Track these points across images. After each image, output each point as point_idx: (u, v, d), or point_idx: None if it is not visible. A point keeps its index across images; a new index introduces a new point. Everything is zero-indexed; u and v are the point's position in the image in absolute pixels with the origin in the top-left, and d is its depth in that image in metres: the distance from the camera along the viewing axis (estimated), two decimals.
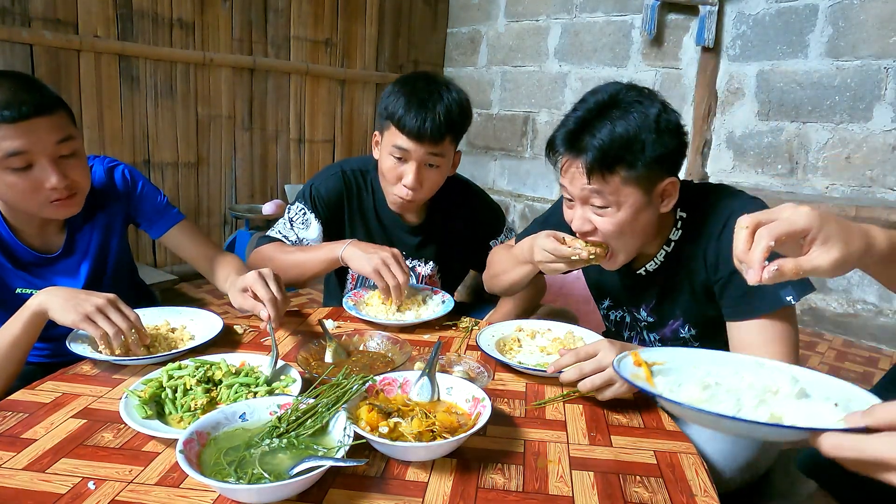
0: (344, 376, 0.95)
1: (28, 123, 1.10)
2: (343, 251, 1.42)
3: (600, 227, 1.15)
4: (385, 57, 4.53)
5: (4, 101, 1.08)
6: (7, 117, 1.08)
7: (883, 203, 3.11)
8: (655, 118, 1.08)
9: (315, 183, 1.63)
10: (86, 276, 1.36)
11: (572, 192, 1.15)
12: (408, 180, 1.47)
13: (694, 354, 0.88)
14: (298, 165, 4.20)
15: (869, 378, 2.89)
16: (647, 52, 3.85)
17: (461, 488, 0.80)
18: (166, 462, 0.82)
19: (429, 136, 1.42)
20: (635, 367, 0.83)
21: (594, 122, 1.09)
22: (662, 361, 0.85)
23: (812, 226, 0.71)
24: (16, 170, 1.12)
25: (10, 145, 1.09)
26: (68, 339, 1.15)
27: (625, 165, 1.07)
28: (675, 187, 1.14)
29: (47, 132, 1.13)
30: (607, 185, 1.09)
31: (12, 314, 1.17)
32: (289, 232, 1.60)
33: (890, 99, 3.08)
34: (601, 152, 1.06)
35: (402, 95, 1.44)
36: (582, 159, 1.09)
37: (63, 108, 1.18)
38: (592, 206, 1.14)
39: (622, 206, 1.11)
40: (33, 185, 1.14)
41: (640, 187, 1.10)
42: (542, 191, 4.49)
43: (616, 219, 1.12)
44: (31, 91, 1.12)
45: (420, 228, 1.67)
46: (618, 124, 1.07)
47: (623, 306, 1.38)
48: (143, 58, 3.29)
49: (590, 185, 1.10)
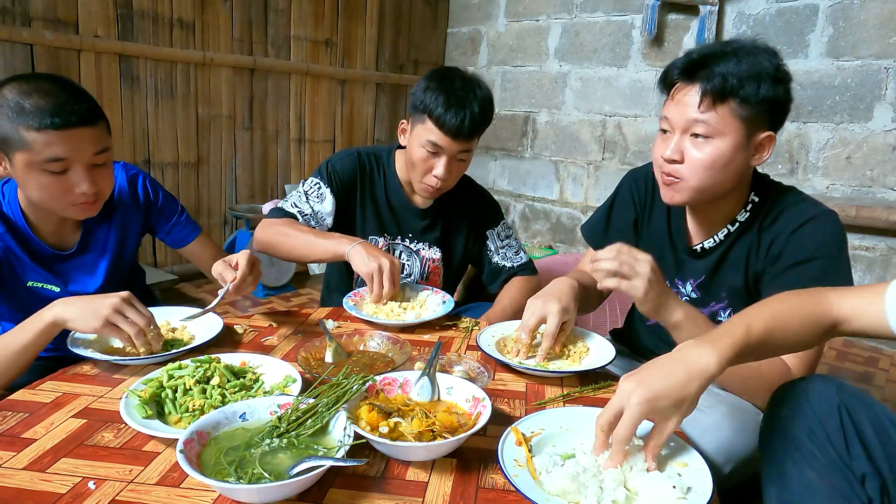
0: (344, 376, 0.95)
1: (72, 132, 1.14)
2: (350, 249, 1.45)
3: (690, 158, 1.15)
4: (385, 57, 4.53)
5: (53, 108, 1.12)
6: (55, 124, 1.12)
7: (883, 203, 3.11)
8: (777, 66, 1.11)
9: (331, 160, 1.68)
10: (104, 273, 1.39)
11: (675, 119, 1.16)
12: (439, 172, 1.54)
13: (564, 414, 0.96)
14: (299, 165, 4.20)
15: (869, 378, 2.89)
16: (647, 52, 3.85)
17: (461, 488, 0.80)
18: (166, 462, 0.82)
19: (465, 134, 1.50)
20: (517, 448, 0.85)
21: (717, 57, 1.11)
22: (540, 430, 0.90)
23: (645, 414, 0.79)
24: (52, 173, 1.16)
25: (53, 151, 1.13)
26: (69, 339, 1.15)
27: (738, 98, 1.09)
28: (771, 142, 1.16)
29: (88, 142, 1.17)
30: (716, 113, 1.11)
31: (20, 306, 1.21)
32: (303, 205, 1.63)
33: (890, 99, 3.08)
34: (721, 78, 1.09)
35: (441, 93, 1.49)
36: (699, 84, 1.11)
37: (104, 120, 1.23)
38: (691, 137, 1.14)
39: (724, 137, 1.12)
40: (65, 188, 1.18)
41: (744, 125, 1.12)
42: (542, 191, 4.49)
43: (712, 148, 1.13)
44: (79, 101, 1.16)
45: (427, 212, 1.72)
46: (743, 61, 1.09)
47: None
48: (143, 58, 3.29)
49: (699, 109, 1.11)
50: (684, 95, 1.14)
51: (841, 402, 0.88)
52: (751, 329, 0.86)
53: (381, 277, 1.39)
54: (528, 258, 1.79)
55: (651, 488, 0.77)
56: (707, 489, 0.76)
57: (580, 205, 4.29)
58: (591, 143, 4.19)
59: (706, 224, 1.27)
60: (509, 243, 1.78)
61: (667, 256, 1.35)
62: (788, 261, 1.15)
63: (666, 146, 1.17)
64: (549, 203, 4.46)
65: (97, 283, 1.38)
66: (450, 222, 1.74)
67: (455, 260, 1.79)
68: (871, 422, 0.87)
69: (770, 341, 0.87)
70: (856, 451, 0.85)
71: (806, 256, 1.13)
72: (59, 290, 1.32)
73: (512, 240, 1.79)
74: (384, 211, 1.70)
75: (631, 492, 0.78)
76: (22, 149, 1.13)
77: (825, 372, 2.90)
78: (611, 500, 0.75)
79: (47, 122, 1.11)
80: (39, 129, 1.11)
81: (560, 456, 0.83)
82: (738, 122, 1.11)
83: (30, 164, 1.14)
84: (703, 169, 1.14)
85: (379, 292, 1.40)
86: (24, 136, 1.11)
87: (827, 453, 0.86)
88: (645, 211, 1.41)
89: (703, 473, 0.80)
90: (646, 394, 0.79)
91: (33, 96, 1.12)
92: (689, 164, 1.14)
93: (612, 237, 1.46)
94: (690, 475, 0.80)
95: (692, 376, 0.80)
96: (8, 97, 1.12)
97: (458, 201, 1.73)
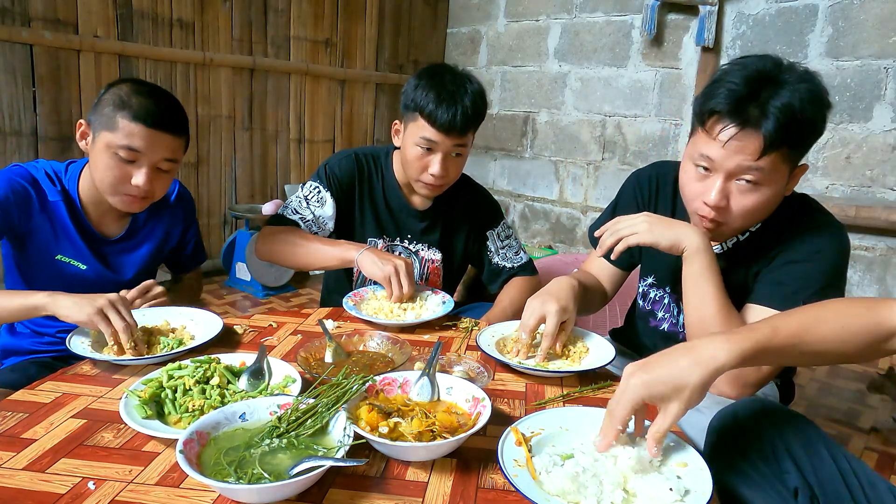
0: (344, 376, 0.95)
1: (156, 133, 1.29)
2: (359, 255, 1.46)
3: (737, 205, 1.08)
4: (385, 57, 4.53)
5: (150, 109, 1.28)
6: (146, 122, 1.27)
7: (883, 203, 3.11)
8: (822, 100, 1.00)
9: (329, 163, 1.68)
10: (141, 262, 1.50)
11: (722, 162, 1.05)
12: (435, 170, 1.53)
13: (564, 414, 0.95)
14: (298, 165, 4.20)
15: (869, 378, 2.89)
16: (647, 52, 3.85)
17: (461, 488, 0.80)
18: (166, 462, 0.82)
19: (458, 129, 1.49)
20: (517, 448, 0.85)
21: (767, 87, 1.00)
22: (539, 431, 0.90)
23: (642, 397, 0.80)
24: (122, 159, 1.28)
25: (132, 141, 1.27)
26: (68, 338, 1.15)
27: (792, 143, 1.01)
28: (803, 171, 1.10)
29: (163, 147, 1.31)
30: (770, 161, 1.02)
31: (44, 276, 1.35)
32: (304, 211, 1.63)
33: (890, 99, 3.08)
34: (783, 127, 0.98)
35: (431, 89, 1.49)
36: (754, 131, 1.00)
37: (186, 137, 1.38)
38: (736, 182, 1.06)
39: (771, 184, 1.04)
40: (123, 176, 1.30)
41: (788, 166, 1.05)
42: (542, 191, 4.49)
43: (760, 195, 1.05)
44: (173, 113, 1.33)
45: (426, 214, 1.71)
46: (794, 96, 0.98)
47: (667, 285, 1.37)
48: (143, 58, 3.29)
49: (757, 161, 1.01)
50: (737, 140, 1.02)
51: (769, 422, 0.92)
52: (778, 329, 0.82)
53: (399, 278, 1.41)
54: (529, 258, 1.79)
55: (649, 489, 0.77)
56: (707, 489, 0.76)
57: (580, 205, 4.29)
58: (590, 144, 4.19)
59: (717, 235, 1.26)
60: (509, 244, 1.77)
61: (672, 260, 1.35)
62: (782, 259, 1.15)
63: (706, 188, 1.09)
64: (548, 203, 4.46)
65: (133, 270, 1.48)
66: (449, 223, 1.74)
67: (455, 261, 1.78)
68: (799, 437, 0.90)
69: (802, 346, 0.82)
70: (787, 466, 0.89)
71: (798, 258, 1.13)
72: (86, 268, 1.41)
73: (512, 240, 1.79)
74: (383, 212, 1.70)
75: (629, 493, 0.78)
76: (109, 130, 1.27)
77: (826, 371, 2.90)
78: (609, 501, 0.75)
79: (141, 117, 1.27)
80: (132, 121, 1.26)
81: (560, 456, 0.83)
82: (787, 165, 1.05)
83: (108, 146, 1.28)
84: (749, 214, 1.10)
85: (399, 293, 1.41)
86: (118, 122, 1.27)
87: (760, 470, 0.90)
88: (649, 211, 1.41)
89: (703, 474, 0.80)
90: (644, 376, 0.80)
91: (141, 96, 1.28)
92: (738, 212, 1.09)
93: None
94: (690, 475, 0.80)
95: (697, 363, 0.79)
96: (123, 90, 1.29)
97: (457, 202, 1.73)
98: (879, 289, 3.22)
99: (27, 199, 1.32)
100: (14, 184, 1.31)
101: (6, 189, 1.29)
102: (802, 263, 1.13)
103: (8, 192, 1.29)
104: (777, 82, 1.01)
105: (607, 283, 1.50)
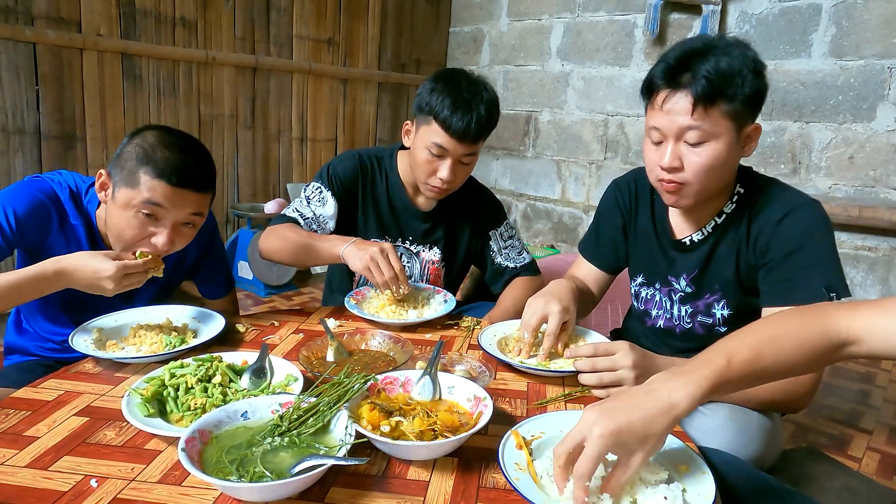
0: (346, 375, 0.95)
1: (181, 192, 1.20)
2: (343, 251, 1.43)
3: (690, 163, 1.15)
4: (387, 56, 4.53)
5: (177, 166, 1.19)
6: (171, 181, 1.18)
7: (886, 203, 3.10)
8: (753, 58, 1.12)
9: (332, 164, 1.68)
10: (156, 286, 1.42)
11: (667, 127, 1.15)
12: (444, 175, 1.53)
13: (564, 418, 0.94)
14: (301, 164, 4.21)
15: (871, 378, 2.89)
16: (649, 51, 3.84)
17: (462, 487, 0.80)
18: (168, 460, 0.82)
19: (471, 137, 1.49)
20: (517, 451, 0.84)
21: (696, 58, 1.11)
22: (540, 434, 0.89)
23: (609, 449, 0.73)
24: (143, 214, 1.20)
25: (154, 199, 1.19)
26: (71, 336, 1.15)
27: (726, 98, 1.10)
28: (758, 133, 1.18)
29: (189, 204, 1.23)
30: (708, 117, 1.11)
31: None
32: (305, 209, 1.63)
33: (893, 99, 3.07)
34: (708, 83, 1.09)
35: (447, 95, 1.48)
36: (685, 91, 1.11)
37: (212, 191, 1.31)
38: (685, 143, 1.15)
39: (718, 139, 1.13)
40: (143, 232, 1.22)
41: (734, 123, 1.13)
42: (544, 190, 4.48)
43: (709, 151, 1.13)
44: (200, 169, 1.25)
45: (429, 215, 1.71)
46: (721, 59, 1.10)
47: (658, 281, 1.38)
48: (145, 56, 3.30)
49: (692, 117, 1.11)
50: (673, 104, 1.13)
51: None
52: (732, 359, 0.78)
53: (378, 264, 1.36)
54: (531, 258, 1.79)
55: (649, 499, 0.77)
56: (710, 492, 0.76)
57: (582, 204, 4.29)
58: (593, 143, 4.18)
59: (694, 218, 1.29)
60: (512, 244, 1.77)
61: (657, 255, 1.37)
62: (778, 252, 1.17)
63: (661, 155, 1.17)
64: (550, 202, 4.46)
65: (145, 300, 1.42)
66: (452, 223, 1.74)
67: (457, 262, 1.78)
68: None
69: (759, 369, 0.80)
70: None
71: (793, 247, 1.16)
72: None
73: (515, 240, 1.79)
74: (385, 213, 1.70)
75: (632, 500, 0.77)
76: (130, 187, 1.18)
77: (828, 371, 2.89)
78: None
79: (166, 176, 1.18)
80: (155, 177, 1.18)
81: None
82: (729, 121, 1.12)
83: (127, 204, 1.19)
84: (705, 172, 1.15)
85: (382, 278, 1.35)
86: (139, 178, 1.18)
87: None
88: (631, 215, 1.45)
89: (705, 477, 0.80)
90: (609, 426, 0.72)
91: (167, 150, 1.19)
92: (691, 170, 1.16)
93: (604, 245, 1.50)
94: (692, 478, 0.80)
95: (660, 412, 0.74)
96: (147, 140, 1.20)
97: (460, 202, 1.72)
98: (882, 289, 3.21)
99: (47, 217, 1.27)
100: (35, 200, 1.25)
101: (26, 206, 1.24)
102: (801, 250, 1.15)
103: (28, 210, 1.23)
104: (705, 53, 1.12)
105: (595, 287, 1.54)
